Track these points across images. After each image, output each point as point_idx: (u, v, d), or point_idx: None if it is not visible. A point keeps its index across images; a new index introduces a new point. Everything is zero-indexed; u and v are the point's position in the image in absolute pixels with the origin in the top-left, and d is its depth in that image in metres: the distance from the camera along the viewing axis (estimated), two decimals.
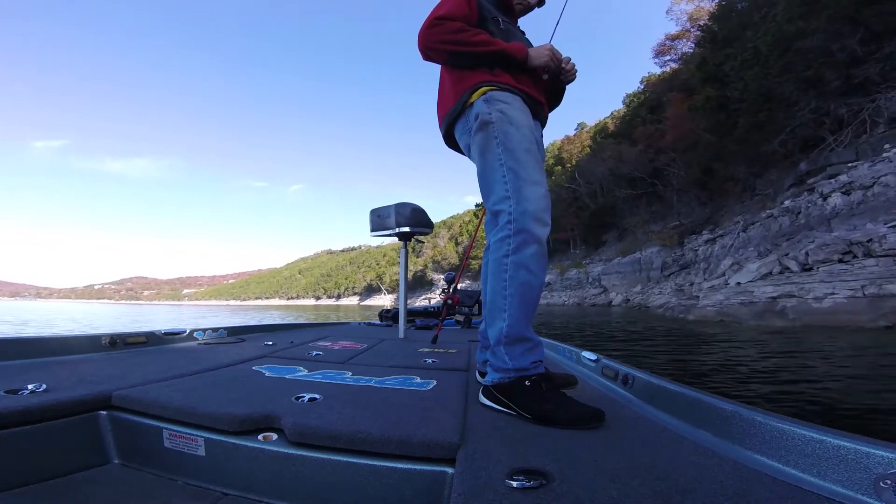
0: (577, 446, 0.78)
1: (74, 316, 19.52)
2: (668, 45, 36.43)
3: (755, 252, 13.60)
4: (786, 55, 15.09)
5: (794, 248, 11.06)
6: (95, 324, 13.48)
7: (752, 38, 16.99)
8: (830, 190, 12.29)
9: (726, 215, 22.49)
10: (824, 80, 14.72)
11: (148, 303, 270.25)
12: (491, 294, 1.11)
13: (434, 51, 1.19)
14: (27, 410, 0.84)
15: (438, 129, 1.38)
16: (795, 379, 3.34)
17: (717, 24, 22.81)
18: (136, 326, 15.63)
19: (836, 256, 9.13)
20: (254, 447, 0.82)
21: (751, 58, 16.61)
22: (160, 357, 1.61)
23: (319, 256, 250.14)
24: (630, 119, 38.95)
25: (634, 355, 4.73)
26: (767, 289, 9.54)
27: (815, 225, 12.35)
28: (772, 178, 19.47)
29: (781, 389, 2.98)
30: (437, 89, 1.36)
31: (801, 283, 8.94)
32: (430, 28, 1.16)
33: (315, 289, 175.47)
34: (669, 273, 24.05)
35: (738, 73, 17.44)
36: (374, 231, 2.75)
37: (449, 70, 1.26)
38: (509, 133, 1.11)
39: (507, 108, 1.13)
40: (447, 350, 2.08)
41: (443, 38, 1.16)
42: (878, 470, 0.57)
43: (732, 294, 10.59)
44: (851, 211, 11.37)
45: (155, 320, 16.05)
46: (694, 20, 32.36)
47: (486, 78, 1.16)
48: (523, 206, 1.05)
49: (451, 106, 1.23)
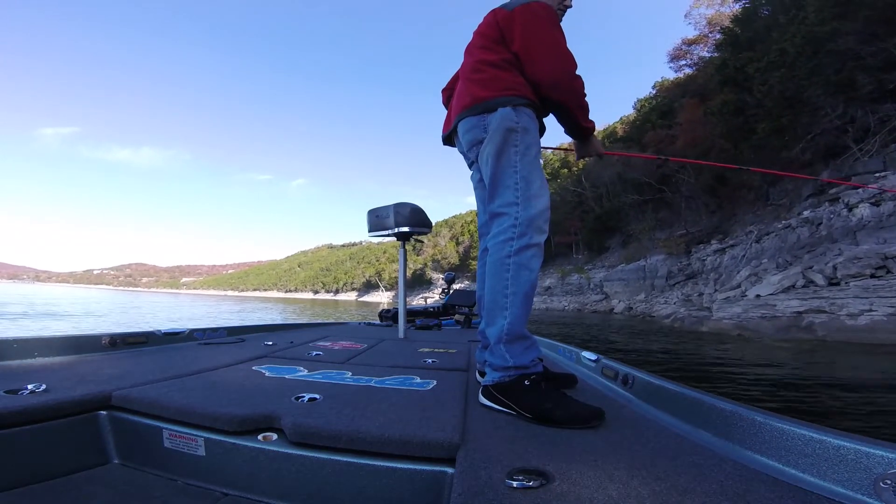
0: (577, 446, 0.78)
1: (74, 308, 18.81)
2: (684, 49, 35.63)
3: (773, 264, 12.82)
4: (815, 57, 14.28)
5: (819, 261, 10.28)
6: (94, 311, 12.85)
7: (778, 40, 16.17)
8: (858, 200, 11.49)
9: (736, 224, 21.76)
10: (855, 85, 13.90)
11: (146, 290, 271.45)
12: (491, 293, 1.11)
13: (571, 98, 1.20)
14: (27, 410, 0.84)
15: (440, 130, 1.47)
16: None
17: (740, 27, 21.96)
18: (132, 318, 14.96)
19: (869, 271, 8.36)
20: (254, 447, 0.81)
21: (777, 59, 15.79)
22: (160, 357, 1.60)
23: (320, 250, 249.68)
24: (640, 124, 38.14)
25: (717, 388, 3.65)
26: (792, 303, 8.78)
27: (838, 237, 11.56)
28: (787, 188, 18.68)
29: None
30: (457, 84, 1.36)
31: (831, 298, 8.17)
32: (577, 78, 1.18)
33: (314, 282, 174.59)
34: (675, 282, 23.38)
35: (762, 74, 16.62)
36: (372, 231, 2.72)
37: (484, 69, 1.23)
38: (530, 146, 1.16)
39: (530, 123, 1.17)
40: (447, 350, 2.06)
41: (582, 94, 1.21)
42: (878, 470, 0.56)
43: (752, 307, 9.84)
44: (881, 223, 10.58)
45: (154, 313, 15.41)
46: (713, 24, 31.51)
47: (525, 93, 1.18)
48: (529, 214, 1.10)
49: (484, 98, 1.19)
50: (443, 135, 1.46)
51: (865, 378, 3.52)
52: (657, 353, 5.49)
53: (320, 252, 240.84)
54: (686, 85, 32.72)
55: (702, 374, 4.01)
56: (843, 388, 3.26)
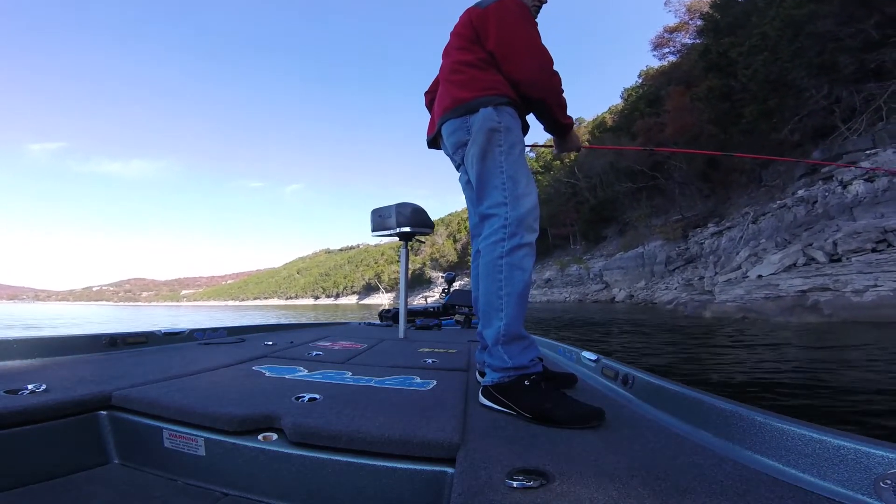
0: (577, 446, 0.78)
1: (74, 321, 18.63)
2: (666, 37, 36.00)
3: (771, 243, 13.12)
4: (796, 40, 14.60)
5: (818, 238, 10.58)
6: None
7: (758, 24, 16.49)
8: (852, 177, 11.82)
9: (731, 207, 22.10)
10: (837, 66, 14.25)
11: (146, 304, 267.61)
12: (485, 295, 1.10)
13: (550, 96, 1.20)
14: (27, 410, 0.84)
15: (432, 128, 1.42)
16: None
17: (720, 12, 22.32)
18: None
19: (870, 245, 8.64)
20: (254, 447, 0.81)
21: (759, 43, 16.10)
22: (160, 357, 1.59)
23: (318, 256, 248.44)
24: (629, 113, 38.51)
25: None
26: (795, 281, 9.04)
27: (835, 214, 11.87)
28: (780, 169, 19.02)
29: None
30: (438, 87, 1.35)
31: (834, 274, 8.43)
32: (555, 75, 1.18)
33: (314, 288, 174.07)
34: (674, 267, 23.70)
35: (745, 59, 16.94)
36: (375, 231, 2.74)
37: (462, 70, 1.22)
38: (514, 145, 1.15)
39: (512, 122, 1.17)
40: (447, 350, 2.06)
41: (559, 90, 1.20)
42: (878, 470, 0.56)
43: (754, 288, 10.09)
44: (876, 199, 10.89)
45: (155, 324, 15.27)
46: (693, 11, 31.93)
47: (505, 92, 1.17)
48: (518, 213, 1.10)
49: (465, 99, 1.19)
50: (427, 138, 1.45)
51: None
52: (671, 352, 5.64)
53: (318, 257, 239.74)
54: (671, 73, 33.00)
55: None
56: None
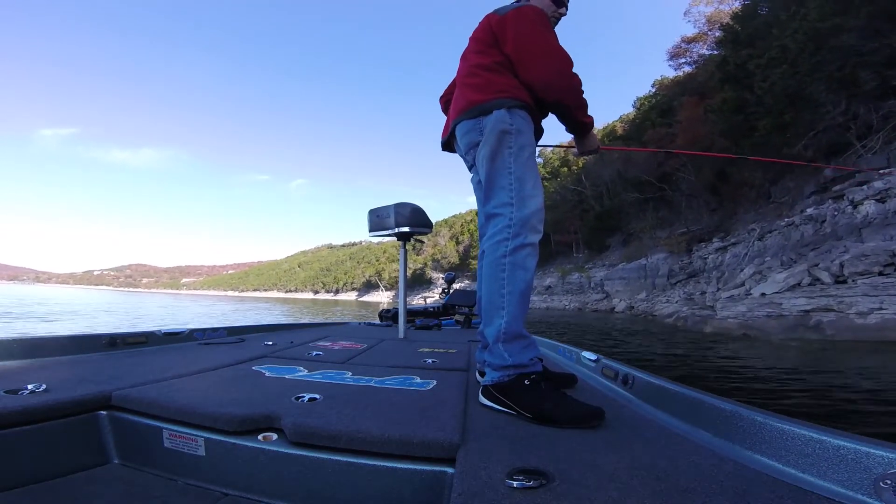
0: (577, 446, 0.78)
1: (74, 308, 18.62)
2: (683, 47, 35.51)
3: (777, 261, 12.73)
4: (817, 54, 14.17)
5: (825, 259, 10.19)
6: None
7: (779, 37, 16.06)
8: (863, 197, 11.40)
9: (738, 223, 21.67)
10: (858, 81, 13.81)
11: (146, 290, 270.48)
12: (488, 294, 1.12)
13: (567, 97, 1.21)
14: (27, 410, 0.84)
15: (440, 131, 1.49)
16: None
17: (740, 24, 21.87)
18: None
19: (877, 269, 8.27)
20: (254, 447, 0.81)
21: (778, 55, 15.67)
22: (160, 357, 1.59)
23: (320, 250, 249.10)
24: (640, 122, 38.04)
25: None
26: (799, 301, 8.68)
27: (843, 234, 11.46)
28: (789, 185, 18.58)
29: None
30: (455, 89, 1.38)
31: (839, 296, 8.08)
32: (574, 76, 1.18)
33: (314, 283, 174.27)
34: (676, 281, 23.29)
35: (763, 71, 16.51)
36: (372, 231, 2.70)
37: (478, 73, 1.25)
38: (524, 147, 1.17)
39: (523, 125, 1.19)
40: (447, 350, 2.05)
41: (579, 91, 1.21)
42: (878, 470, 0.56)
43: (757, 306, 9.73)
44: (886, 220, 10.49)
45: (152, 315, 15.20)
46: (713, 22, 31.42)
47: (519, 95, 1.19)
48: (524, 214, 1.12)
49: (479, 101, 1.21)
50: (442, 140, 1.49)
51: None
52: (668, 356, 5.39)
53: (320, 252, 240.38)
54: (686, 83, 32.61)
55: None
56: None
